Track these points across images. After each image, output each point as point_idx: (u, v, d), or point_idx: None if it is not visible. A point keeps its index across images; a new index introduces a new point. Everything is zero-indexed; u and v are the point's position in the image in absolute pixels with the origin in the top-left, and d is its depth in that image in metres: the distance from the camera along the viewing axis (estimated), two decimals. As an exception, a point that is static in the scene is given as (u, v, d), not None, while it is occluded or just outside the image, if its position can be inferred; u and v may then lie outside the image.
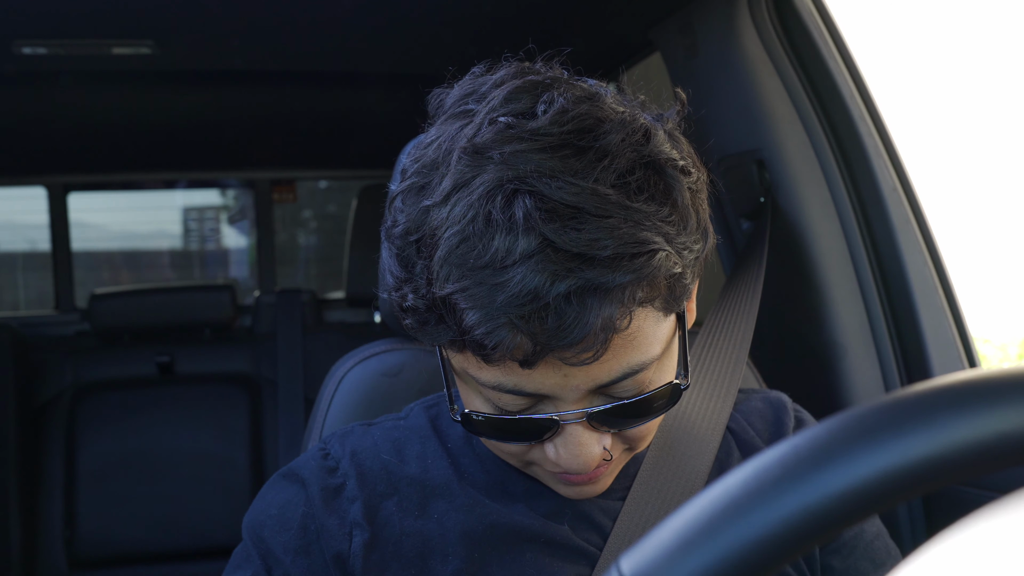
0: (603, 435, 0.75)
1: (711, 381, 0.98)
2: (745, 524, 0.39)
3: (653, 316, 0.71)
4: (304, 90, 2.46)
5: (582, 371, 0.69)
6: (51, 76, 2.15)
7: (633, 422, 0.75)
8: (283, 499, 0.86)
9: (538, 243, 0.63)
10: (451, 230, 0.66)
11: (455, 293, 0.65)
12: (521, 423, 0.73)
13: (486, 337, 0.65)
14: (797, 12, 1.43)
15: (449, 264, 0.66)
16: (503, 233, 0.64)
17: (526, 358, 0.66)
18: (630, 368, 0.71)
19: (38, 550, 2.75)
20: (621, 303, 0.65)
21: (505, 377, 0.70)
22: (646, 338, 0.71)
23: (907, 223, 1.39)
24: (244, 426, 2.91)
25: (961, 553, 0.34)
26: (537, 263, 0.63)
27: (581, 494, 0.81)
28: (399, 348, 1.17)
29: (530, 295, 0.63)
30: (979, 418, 0.39)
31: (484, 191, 0.65)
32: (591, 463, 0.74)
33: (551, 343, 0.64)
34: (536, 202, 0.64)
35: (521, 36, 0.89)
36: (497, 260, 0.64)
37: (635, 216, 0.66)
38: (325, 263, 5.39)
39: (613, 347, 0.68)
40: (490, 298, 0.64)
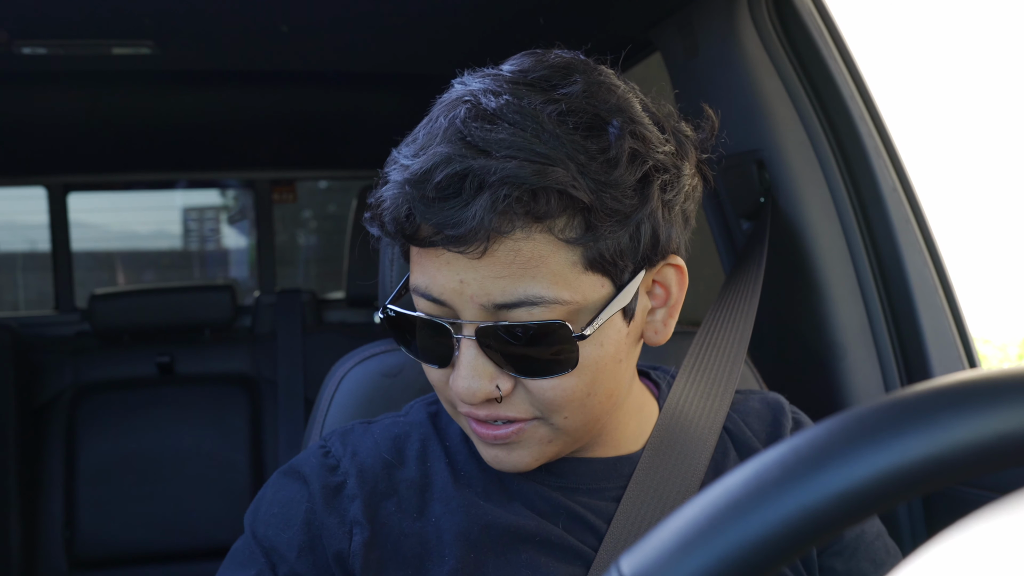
0: (500, 373, 0.76)
1: (708, 381, 0.98)
2: (745, 524, 0.39)
3: (561, 253, 0.72)
4: (304, 90, 2.46)
5: (476, 280, 0.73)
6: (51, 76, 2.15)
7: (526, 362, 0.75)
8: (285, 497, 0.86)
9: (453, 136, 0.72)
10: (409, 137, 0.78)
11: (388, 173, 0.75)
12: (425, 327, 0.78)
13: (389, 208, 0.74)
14: (797, 12, 1.43)
15: (393, 156, 0.77)
16: (436, 130, 0.73)
17: (416, 233, 0.73)
18: (525, 296, 0.72)
19: (38, 550, 2.75)
20: (503, 201, 0.69)
21: (421, 277, 0.76)
22: (548, 271, 0.72)
23: (907, 223, 1.39)
24: (244, 426, 2.90)
25: (961, 553, 0.34)
26: (443, 150, 0.71)
27: (498, 460, 0.81)
28: (399, 348, 1.17)
29: (424, 172, 0.70)
30: (979, 418, 0.39)
31: (444, 103, 0.77)
32: (477, 392, 0.75)
33: (433, 219, 0.70)
34: (471, 109, 0.73)
35: (521, 37, 0.90)
36: (421, 149, 0.73)
37: (551, 137, 0.71)
38: (325, 263, 5.39)
39: (507, 263, 0.72)
40: (400, 174, 0.73)
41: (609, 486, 0.87)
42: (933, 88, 5.39)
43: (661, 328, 0.83)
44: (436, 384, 0.82)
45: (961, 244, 4.05)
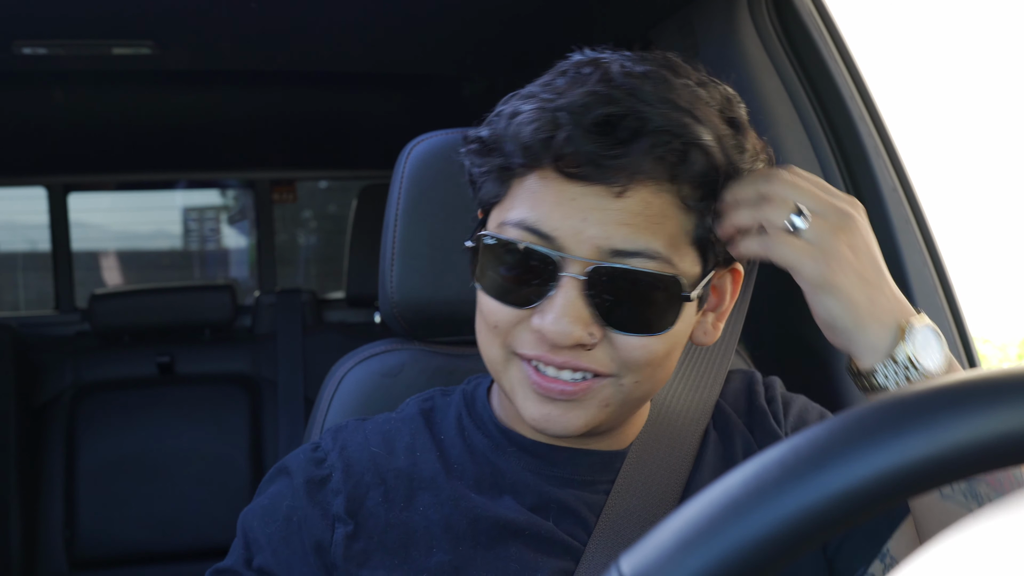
0: (593, 322, 0.76)
1: (697, 375, 0.98)
2: (745, 524, 0.39)
3: (681, 217, 0.76)
4: (304, 90, 2.47)
5: (601, 222, 0.74)
6: (51, 76, 2.15)
7: (626, 313, 0.76)
8: (273, 492, 0.88)
9: (602, 81, 0.74)
10: (532, 88, 0.78)
11: (523, 103, 0.76)
12: (526, 260, 0.76)
13: (534, 129, 0.73)
14: (797, 12, 1.43)
15: (521, 96, 0.78)
16: (581, 78, 0.76)
17: (555, 159, 0.73)
18: (645, 247, 0.74)
19: (38, 550, 2.75)
20: (662, 147, 0.72)
21: (531, 212, 0.76)
22: (667, 232, 0.75)
23: (907, 223, 1.39)
24: (244, 426, 2.90)
25: (961, 553, 0.34)
26: (600, 90, 0.73)
27: (550, 419, 0.79)
28: (399, 348, 1.17)
29: (583, 106, 0.72)
30: (979, 418, 0.39)
31: (578, 62, 0.79)
32: (571, 333, 0.75)
33: (588, 148, 0.71)
34: (619, 67, 0.76)
35: (521, 37, 0.90)
36: (568, 90, 0.75)
37: (696, 101, 0.76)
38: (325, 263, 5.39)
39: (636, 212, 0.74)
40: (549, 104, 0.74)
41: (602, 479, 0.87)
42: (933, 88, 5.39)
43: (710, 330, 0.86)
44: (503, 324, 0.79)
45: (961, 244, 4.05)
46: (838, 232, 0.76)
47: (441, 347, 1.17)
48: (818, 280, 0.75)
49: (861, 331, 0.75)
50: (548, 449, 0.87)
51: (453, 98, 2.47)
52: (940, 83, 5.38)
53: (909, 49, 5.27)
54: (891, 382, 0.75)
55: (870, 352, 0.75)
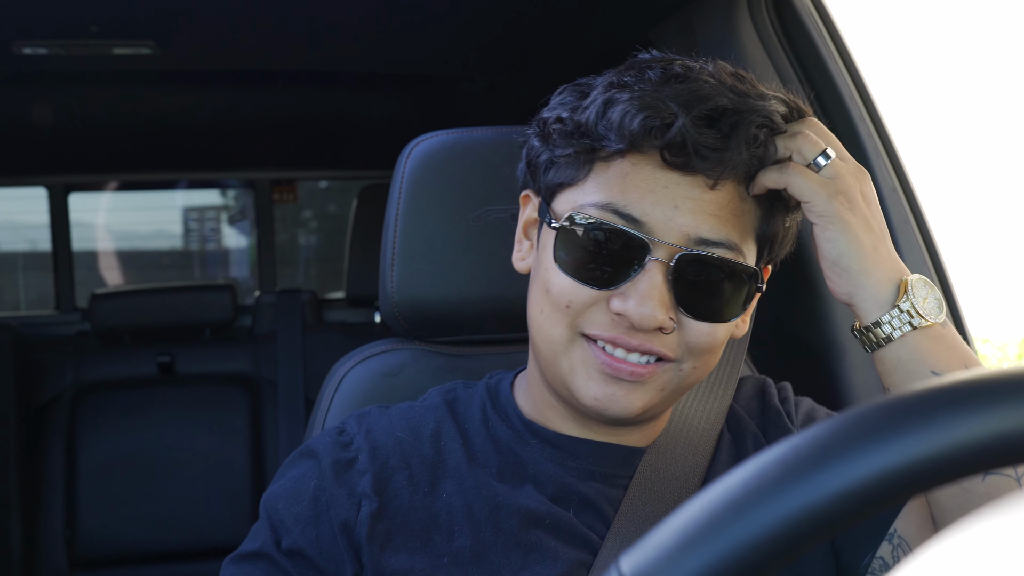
0: (673, 305, 0.78)
1: (710, 381, 0.99)
2: (745, 524, 0.39)
3: (754, 211, 0.81)
4: (304, 90, 2.47)
5: (692, 211, 0.77)
6: (51, 76, 2.15)
7: (703, 300, 0.79)
8: (298, 473, 0.88)
9: (702, 79, 0.79)
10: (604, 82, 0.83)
11: (623, 92, 0.78)
12: (615, 241, 0.78)
13: (646, 117, 0.75)
14: (797, 12, 1.43)
15: (602, 88, 0.81)
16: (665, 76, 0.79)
17: (658, 146, 0.76)
18: (727, 238, 0.78)
19: (39, 550, 2.75)
20: (759, 140, 0.77)
21: (620, 196, 0.78)
22: (744, 225, 0.80)
23: (907, 223, 1.39)
24: (244, 426, 2.90)
25: (961, 553, 0.34)
26: (705, 85, 0.77)
27: (613, 399, 0.80)
28: (399, 348, 1.17)
29: (696, 95, 0.76)
30: (979, 418, 0.40)
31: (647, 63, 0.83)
32: (656, 318, 0.77)
33: (696, 137, 0.74)
34: (701, 66, 0.81)
35: (521, 38, 0.90)
36: (664, 81, 0.78)
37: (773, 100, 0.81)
38: (325, 263, 5.39)
39: (724, 205, 0.78)
40: (656, 93, 0.77)
41: (622, 474, 0.88)
42: (933, 88, 5.39)
43: (742, 324, 0.89)
44: (575, 303, 0.81)
45: (961, 244, 4.05)
46: (855, 178, 0.80)
47: (441, 347, 1.17)
48: (829, 212, 0.77)
49: (866, 276, 0.78)
50: (570, 441, 0.88)
51: (453, 98, 2.47)
52: (940, 83, 5.38)
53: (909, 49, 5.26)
54: (896, 331, 0.78)
55: (874, 303, 0.78)
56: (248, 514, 2.83)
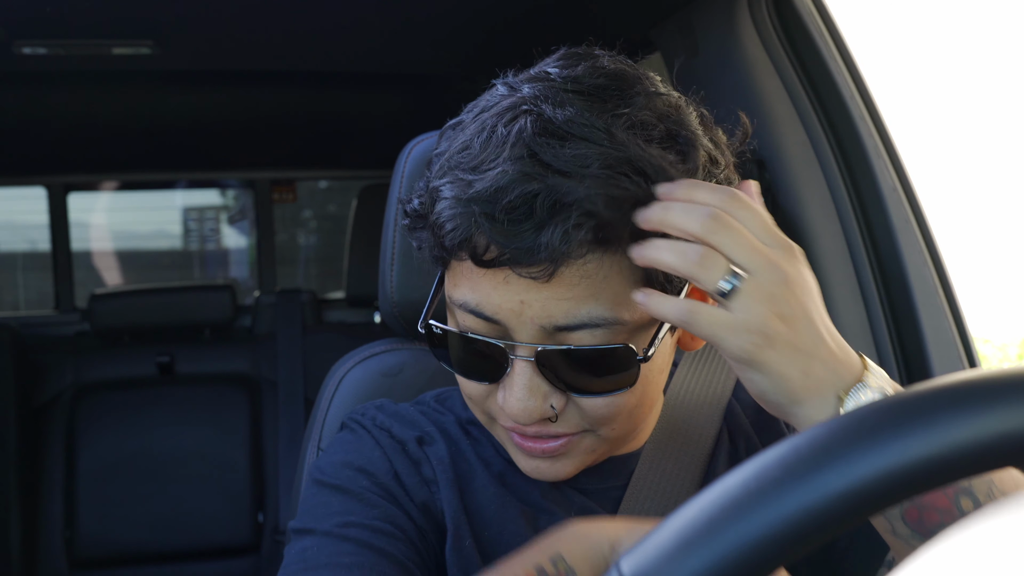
0: (553, 391, 0.74)
1: (709, 371, 0.98)
2: (745, 524, 0.39)
3: (625, 272, 0.70)
4: (304, 90, 2.47)
5: (539, 302, 0.70)
6: (51, 76, 2.15)
7: (584, 382, 0.73)
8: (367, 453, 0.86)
9: (523, 152, 0.67)
10: (459, 141, 0.73)
11: (440, 187, 0.71)
12: (476, 346, 0.75)
13: (450, 228, 0.69)
14: (797, 12, 1.43)
15: (444, 166, 0.72)
16: (498, 143, 0.69)
17: (481, 253, 0.69)
18: (588, 318, 0.70)
19: (38, 550, 2.75)
20: (579, 229, 0.66)
21: (471, 294, 0.73)
22: (611, 292, 0.70)
23: (907, 223, 1.39)
24: (244, 426, 2.90)
25: (961, 553, 0.34)
26: (514, 167, 0.67)
27: (539, 471, 0.80)
28: (399, 348, 1.17)
29: (496, 191, 0.67)
30: (979, 419, 0.40)
31: (499, 111, 0.72)
32: (532, 412, 0.74)
33: (503, 240, 0.67)
34: (536, 120, 0.69)
35: (521, 37, 0.90)
36: (483, 163, 0.69)
37: (629, 148, 0.68)
38: (325, 263, 5.39)
39: (573, 286, 0.69)
40: (463, 192, 0.69)
41: (617, 484, 0.87)
42: (933, 88, 5.39)
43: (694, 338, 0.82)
44: (475, 397, 0.80)
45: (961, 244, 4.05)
46: (770, 301, 0.65)
47: (441, 347, 1.17)
48: (744, 358, 0.66)
49: (796, 406, 0.67)
50: None
51: (453, 98, 2.47)
52: (940, 83, 5.38)
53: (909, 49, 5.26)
54: None
55: (808, 423, 0.68)
56: (248, 514, 2.83)
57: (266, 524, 2.85)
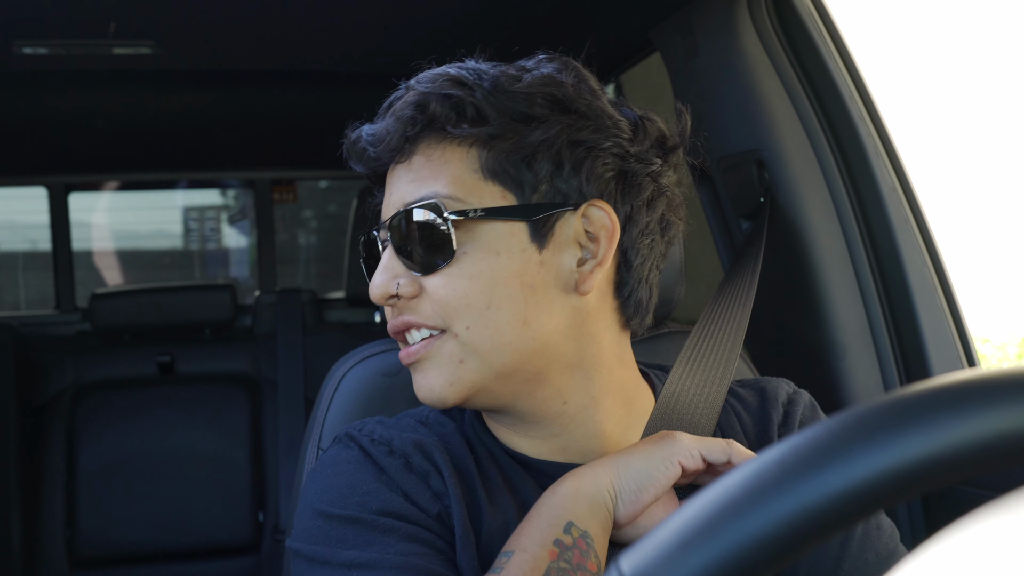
0: (406, 273, 0.84)
1: (704, 372, 0.98)
2: (745, 524, 0.39)
3: (464, 158, 0.84)
4: (304, 90, 2.47)
5: (399, 189, 0.86)
6: (51, 76, 2.15)
7: (418, 254, 0.83)
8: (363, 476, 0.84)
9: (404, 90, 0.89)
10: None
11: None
12: (367, 248, 0.92)
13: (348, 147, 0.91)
14: (797, 12, 1.43)
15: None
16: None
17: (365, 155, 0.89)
18: (427, 193, 0.83)
19: (39, 549, 2.75)
20: (402, 109, 0.85)
21: (378, 195, 0.91)
22: (451, 174, 0.83)
23: (906, 223, 1.39)
24: (244, 426, 2.90)
25: (961, 553, 0.34)
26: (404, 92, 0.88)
27: (420, 388, 0.86)
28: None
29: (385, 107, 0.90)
30: (978, 418, 0.40)
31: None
32: (380, 285, 0.85)
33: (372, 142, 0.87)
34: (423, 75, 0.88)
35: (522, 37, 0.91)
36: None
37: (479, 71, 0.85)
38: (325, 263, 5.40)
39: (419, 168, 0.85)
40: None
41: None
42: (933, 88, 5.39)
43: (587, 277, 0.84)
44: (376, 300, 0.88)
45: (961, 244, 4.05)
46: None
47: (441, 347, 1.17)
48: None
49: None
50: (553, 467, 0.87)
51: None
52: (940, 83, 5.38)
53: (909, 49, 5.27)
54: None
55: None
56: (248, 513, 2.84)
57: (266, 523, 2.85)
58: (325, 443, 1.11)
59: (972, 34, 5.47)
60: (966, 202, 5.00)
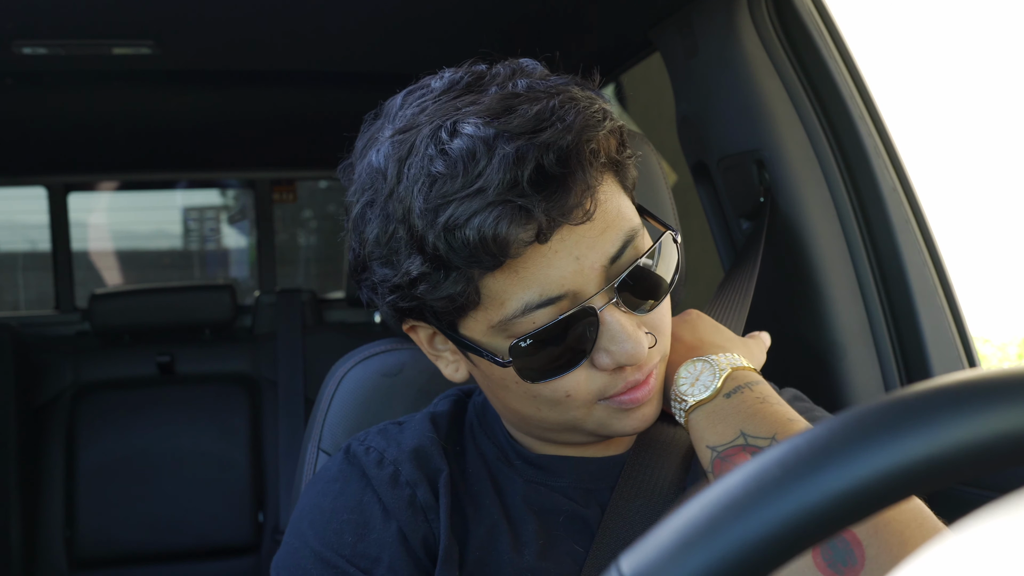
0: (638, 323, 0.77)
1: None
2: (745, 524, 0.39)
3: (616, 189, 0.77)
4: (304, 90, 2.47)
5: (590, 247, 0.73)
6: (51, 76, 2.15)
7: (653, 293, 0.78)
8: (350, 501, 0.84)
9: (492, 138, 0.69)
10: (416, 186, 0.71)
11: (449, 221, 0.69)
12: (564, 326, 0.74)
13: (497, 229, 0.68)
14: (797, 12, 1.43)
15: (429, 207, 0.70)
16: (459, 153, 0.69)
17: (539, 230, 0.69)
18: (626, 235, 0.75)
19: (38, 550, 2.75)
20: (584, 153, 0.70)
21: (526, 292, 0.72)
22: (622, 208, 0.76)
23: (907, 223, 1.39)
24: (244, 426, 2.91)
25: (961, 553, 0.34)
26: (499, 153, 0.68)
27: (644, 419, 0.80)
28: (399, 348, 1.17)
29: (511, 179, 0.68)
30: (979, 418, 0.40)
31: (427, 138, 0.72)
32: (643, 344, 0.75)
33: (547, 203, 0.69)
34: (475, 120, 0.71)
35: (522, 36, 0.90)
36: (467, 174, 0.69)
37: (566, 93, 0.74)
38: (325, 263, 5.40)
39: (603, 215, 0.74)
40: (481, 200, 0.68)
41: (604, 486, 0.87)
42: (933, 88, 5.39)
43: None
44: (573, 390, 0.77)
45: (961, 244, 4.05)
46: None
47: (441, 347, 1.17)
48: None
49: None
50: (550, 460, 0.87)
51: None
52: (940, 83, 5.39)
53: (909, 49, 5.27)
54: (680, 418, 0.82)
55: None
56: (248, 514, 2.84)
57: (266, 524, 2.85)
58: (325, 443, 1.11)
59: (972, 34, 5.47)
60: (966, 202, 5.00)
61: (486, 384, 0.83)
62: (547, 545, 0.83)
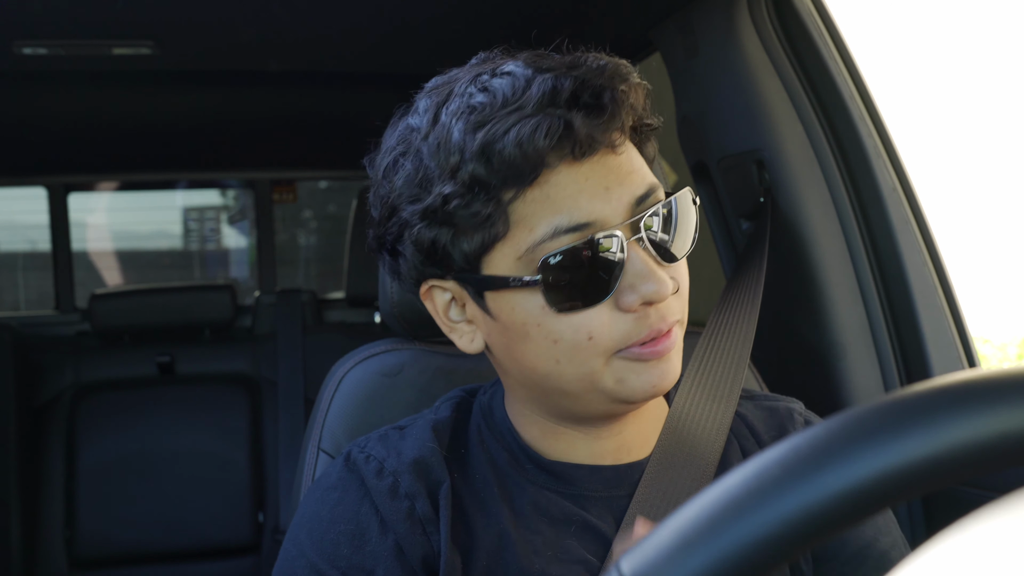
0: (660, 263, 0.78)
1: (714, 383, 0.97)
2: (745, 524, 0.39)
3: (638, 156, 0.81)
4: (304, 90, 2.46)
5: (618, 181, 0.76)
6: (51, 76, 2.15)
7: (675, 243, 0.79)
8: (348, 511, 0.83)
9: (532, 70, 0.75)
10: (454, 118, 0.75)
11: (488, 135, 0.72)
12: (592, 249, 0.74)
13: (535, 137, 0.71)
14: (797, 12, 1.43)
15: (468, 129, 0.73)
16: (500, 86, 0.74)
17: (576, 144, 0.73)
18: (650, 184, 0.78)
19: (38, 550, 2.75)
20: (617, 91, 0.75)
21: (557, 216, 0.74)
22: (644, 166, 0.80)
23: (907, 223, 1.39)
24: (244, 426, 2.91)
25: (961, 553, 0.34)
26: (540, 78, 0.74)
27: (663, 375, 0.78)
28: (399, 348, 1.17)
29: (550, 96, 0.73)
30: (979, 418, 0.40)
31: (466, 83, 0.77)
32: (667, 283, 0.75)
33: (585, 119, 0.73)
34: (513, 64, 0.77)
35: (522, 36, 0.90)
36: (507, 101, 0.73)
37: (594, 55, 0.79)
38: (325, 263, 5.39)
39: (631, 157, 0.78)
40: (519, 114, 0.72)
41: (620, 494, 0.86)
42: (933, 88, 5.39)
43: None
44: (596, 330, 0.76)
45: (961, 244, 4.05)
46: None
47: (441, 347, 1.17)
48: None
49: None
50: (564, 467, 0.85)
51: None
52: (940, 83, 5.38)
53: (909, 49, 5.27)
54: None
55: None
56: (248, 514, 2.84)
57: (266, 524, 2.85)
58: (325, 443, 1.11)
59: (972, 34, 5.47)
60: (966, 202, 5.00)
61: (504, 342, 0.81)
62: (558, 554, 0.81)
